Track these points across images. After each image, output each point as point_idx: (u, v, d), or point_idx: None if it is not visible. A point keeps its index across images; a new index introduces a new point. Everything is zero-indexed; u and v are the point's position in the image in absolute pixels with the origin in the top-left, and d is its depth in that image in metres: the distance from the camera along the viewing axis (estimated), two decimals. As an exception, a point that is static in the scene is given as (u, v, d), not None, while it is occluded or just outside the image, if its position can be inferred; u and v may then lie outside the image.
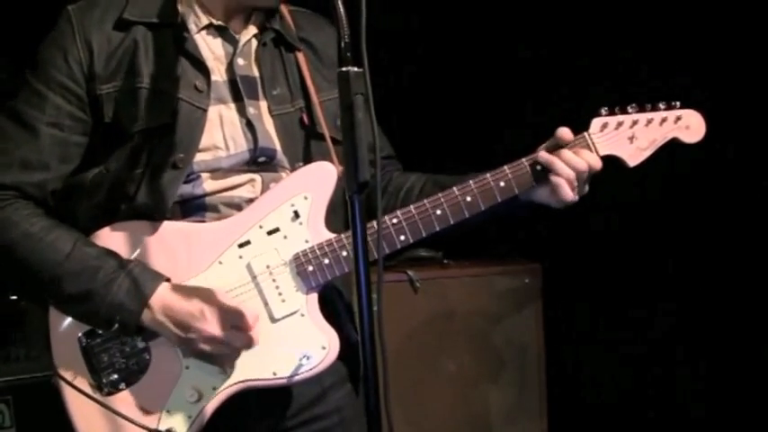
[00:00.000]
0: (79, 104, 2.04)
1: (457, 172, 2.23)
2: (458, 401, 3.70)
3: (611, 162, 2.19)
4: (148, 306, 1.98)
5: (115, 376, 2.03)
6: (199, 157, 2.06)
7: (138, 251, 2.04)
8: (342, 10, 1.68)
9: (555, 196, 2.13)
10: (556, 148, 2.15)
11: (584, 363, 4.12)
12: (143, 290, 1.98)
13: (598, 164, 2.15)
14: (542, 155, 2.13)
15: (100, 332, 2.04)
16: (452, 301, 3.70)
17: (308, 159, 2.15)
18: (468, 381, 3.72)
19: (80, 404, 2.02)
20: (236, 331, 1.98)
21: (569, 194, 2.11)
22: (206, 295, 1.99)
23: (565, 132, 2.15)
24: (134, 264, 2.02)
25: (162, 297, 1.99)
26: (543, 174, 2.13)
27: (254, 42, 2.16)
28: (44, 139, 2.02)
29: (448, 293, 3.70)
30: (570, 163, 2.11)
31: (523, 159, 2.16)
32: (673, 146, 2.23)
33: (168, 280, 2.02)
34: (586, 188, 2.16)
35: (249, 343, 2.00)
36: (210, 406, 2.02)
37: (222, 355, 2.00)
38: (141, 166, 2.03)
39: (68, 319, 2.05)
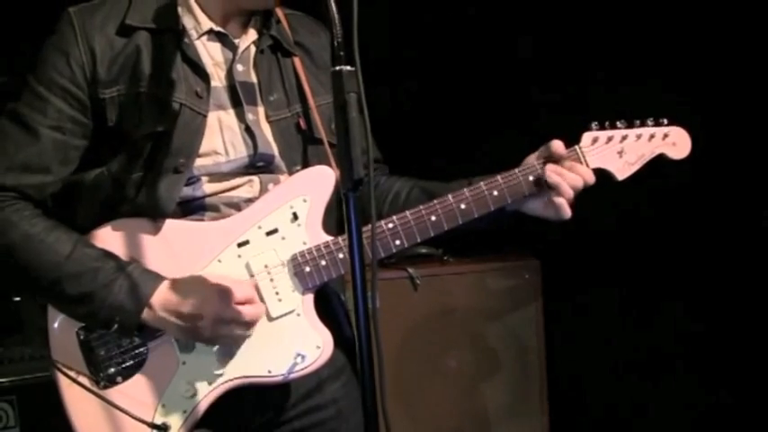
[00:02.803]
0: (81, 108, 2.05)
1: (450, 177, 2.27)
2: (458, 398, 3.72)
3: (600, 173, 2.24)
4: (149, 305, 2.00)
5: (112, 370, 2.05)
6: (199, 162, 2.08)
7: (137, 249, 2.06)
8: (334, 9, 1.70)
9: (554, 212, 2.19)
10: (548, 160, 2.19)
11: (585, 359, 4.11)
12: (143, 291, 2.00)
13: (592, 179, 2.20)
14: (551, 176, 2.17)
15: (98, 327, 2.06)
16: (452, 297, 3.72)
17: (305, 163, 2.17)
18: (468, 377, 3.73)
19: (77, 398, 2.05)
20: (238, 306, 2.00)
21: (569, 212, 2.17)
22: (202, 282, 2.02)
23: (558, 146, 2.19)
24: (134, 265, 2.03)
25: (162, 294, 2.01)
26: (538, 186, 2.18)
27: (253, 48, 2.18)
28: (45, 142, 2.03)
29: (448, 290, 3.72)
30: (573, 184, 2.16)
31: (516, 170, 2.20)
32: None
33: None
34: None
35: (252, 316, 2.02)
36: (205, 401, 2.05)
37: (231, 337, 2.02)
38: (142, 169, 2.05)
39: None
